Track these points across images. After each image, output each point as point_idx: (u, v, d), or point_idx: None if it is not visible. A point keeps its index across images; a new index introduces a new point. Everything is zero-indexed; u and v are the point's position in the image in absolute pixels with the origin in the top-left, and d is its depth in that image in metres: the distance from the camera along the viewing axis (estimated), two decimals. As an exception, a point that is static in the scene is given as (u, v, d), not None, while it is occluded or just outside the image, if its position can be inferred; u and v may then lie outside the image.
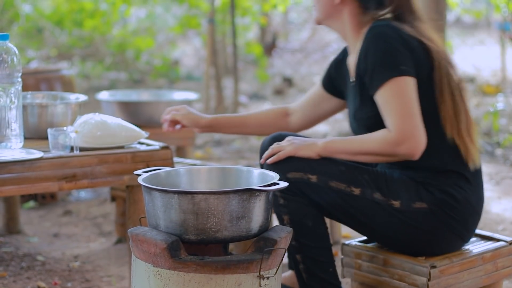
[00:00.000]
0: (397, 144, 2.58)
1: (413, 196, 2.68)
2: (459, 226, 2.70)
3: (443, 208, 2.67)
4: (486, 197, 4.92)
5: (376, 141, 2.62)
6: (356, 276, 2.83)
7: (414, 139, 2.57)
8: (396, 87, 2.60)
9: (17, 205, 4.29)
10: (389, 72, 2.61)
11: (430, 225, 2.67)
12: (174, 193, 2.28)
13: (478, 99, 8.64)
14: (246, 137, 7.03)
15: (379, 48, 2.63)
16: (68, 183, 2.86)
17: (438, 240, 2.70)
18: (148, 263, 2.32)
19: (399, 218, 2.67)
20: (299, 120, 3.15)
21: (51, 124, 3.13)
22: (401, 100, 2.59)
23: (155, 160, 2.99)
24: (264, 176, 2.49)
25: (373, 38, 2.66)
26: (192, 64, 11.89)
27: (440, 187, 2.68)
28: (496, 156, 6.09)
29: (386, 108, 2.61)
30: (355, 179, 2.69)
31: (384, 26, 2.68)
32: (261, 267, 2.29)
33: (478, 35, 14.44)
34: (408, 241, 2.71)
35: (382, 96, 2.62)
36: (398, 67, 2.60)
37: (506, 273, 2.88)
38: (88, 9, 9.92)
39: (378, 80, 2.62)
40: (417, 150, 2.58)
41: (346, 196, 2.68)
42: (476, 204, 2.74)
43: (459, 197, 2.68)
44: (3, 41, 2.88)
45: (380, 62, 2.62)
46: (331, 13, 2.80)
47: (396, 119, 2.59)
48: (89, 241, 4.21)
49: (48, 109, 3.15)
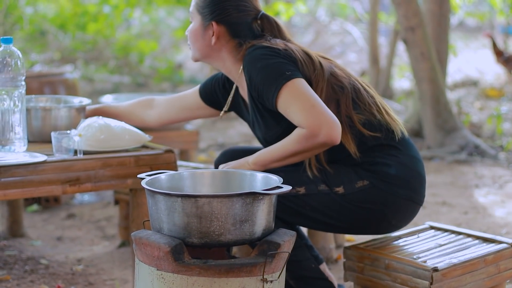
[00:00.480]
0: (313, 136, 2.63)
1: (353, 177, 2.77)
2: (403, 190, 2.78)
3: (382, 178, 2.76)
4: (490, 201, 4.93)
5: (295, 141, 2.67)
6: (359, 279, 2.83)
7: (326, 125, 2.63)
8: (289, 90, 2.67)
9: (20, 209, 4.30)
10: (277, 82, 2.68)
11: (378, 200, 2.76)
12: (178, 197, 2.29)
13: (482, 103, 8.64)
14: (249, 140, 7.04)
15: (258, 67, 2.71)
16: (71, 187, 2.86)
17: (392, 211, 2.78)
18: (151, 266, 2.32)
19: (347, 203, 2.76)
20: (159, 115, 3.25)
21: (54, 127, 3.13)
22: (299, 97, 2.65)
23: (159, 164, 2.99)
24: (267, 179, 2.49)
25: (250, 62, 2.74)
26: (196, 68, 11.89)
27: (372, 162, 2.77)
28: (500, 159, 6.09)
29: (289, 111, 2.67)
30: (296, 180, 2.76)
31: (254, 49, 2.76)
32: (264, 270, 2.30)
33: (481, 38, 14.43)
34: (364, 221, 2.80)
35: (282, 104, 2.69)
36: (283, 74, 2.68)
37: (508, 275, 2.88)
38: (92, 12, 9.93)
39: (272, 93, 2.69)
40: (334, 133, 2.63)
41: (294, 198, 2.75)
42: (412, 165, 2.82)
43: (391, 163, 2.77)
44: (6, 45, 2.89)
45: (266, 78, 2.70)
46: (209, 53, 2.87)
47: (302, 114, 2.64)
48: (92, 244, 4.22)
49: (51, 113, 3.16)
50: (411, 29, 6.32)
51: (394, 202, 2.77)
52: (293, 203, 2.75)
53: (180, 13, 12.05)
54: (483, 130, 7.00)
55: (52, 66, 9.82)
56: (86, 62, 10.46)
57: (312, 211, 2.76)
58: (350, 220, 2.79)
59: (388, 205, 2.77)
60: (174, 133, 5.10)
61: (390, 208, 2.78)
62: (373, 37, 9.15)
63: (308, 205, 2.76)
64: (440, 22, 6.77)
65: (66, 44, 10.09)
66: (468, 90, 9.69)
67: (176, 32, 11.16)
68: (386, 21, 11.32)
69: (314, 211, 2.76)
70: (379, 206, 2.77)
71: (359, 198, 2.76)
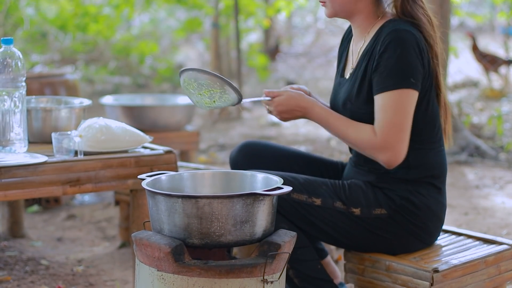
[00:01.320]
0: (377, 150, 2.64)
1: (373, 202, 2.74)
2: (419, 230, 2.76)
3: (401, 213, 2.73)
4: (491, 202, 4.93)
5: (360, 137, 2.67)
6: (359, 281, 2.83)
7: (394, 152, 2.63)
8: (399, 98, 2.63)
9: (21, 209, 4.30)
10: (398, 81, 2.63)
11: (391, 230, 2.74)
12: (178, 197, 2.28)
13: (482, 104, 8.63)
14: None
15: (396, 54, 2.64)
16: (72, 187, 2.86)
17: (399, 244, 2.77)
18: (152, 267, 2.32)
19: (360, 225, 2.74)
20: None
21: (55, 128, 3.13)
22: (398, 112, 2.62)
23: (159, 164, 2.99)
24: (268, 180, 2.49)
25: (393, 41, 2.66)
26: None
27: (400, 193, 2.74)
28: (500, 160, 6.09)
29: (381, 112, 2.64)
30: (315, 190, 2.74)
31: (405, 31, 2.67)
32: (265, 271, 2.30)
33: (482, 39, 14.42)
34: (370, 245, 2.78)
35: (382, 100, 2.64)
36: (408, 79, 2.63)
37: (509, 276, 2.88)
38: (92, 12, 9.93)
39: (386, 84, 2.64)
40: (393, 162, 2.65)
41: (308, 207, 2.73)
42: (437, 209, 2.79)
43: (418, 203, 2.74)
44: (7, 46, 2.89)
45: (393, 68, 2.64)
46: (350, 6, 2.78)
47: (386, 127, 2.63)
48: (93, 245, 4.22)
49: (52, 114, 3.16)
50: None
51: (405, 237, 2.76)
52: (306, 211, 2.73)
53: (180, 13, 12.05)
54: (483, 131, 7.00)
55: (53, 67, 9.83)
56: (87, 63, 10.46)
57: (323, 223, 2.74)
58: (357, 240, 2.77)
59: (398, 238, 2.76)
60: (175, 134, 5.11)
61: (399, 241, 2.77)
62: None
63: (321, 216, 2.74)
64: (441, 23, 6.76)
65: (66, 45, 10.10)
66: (468, 91, 9.69)
67: (177, 32, 11.17)
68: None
69: (325, 224, 2.74)
70: (389, 237, 2.75)
71: (373, 224, 2.73)
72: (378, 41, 2.70)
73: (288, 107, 2.76)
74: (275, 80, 10.83)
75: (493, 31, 14.51)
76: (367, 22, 2.80)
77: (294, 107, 2.76)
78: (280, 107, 2.76)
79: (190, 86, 2.65)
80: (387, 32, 2.69)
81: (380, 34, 2.72)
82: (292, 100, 2.76)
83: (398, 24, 2.71)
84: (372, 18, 2.79)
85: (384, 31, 2.71)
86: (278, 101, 2.76)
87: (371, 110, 2.70)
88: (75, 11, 9.86)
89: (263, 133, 7.45)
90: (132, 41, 10.62)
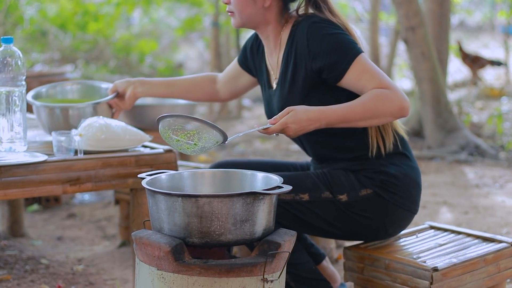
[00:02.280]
0: (392, 95, 2.61)
1: (356, 185, 2.76)
2: (404, 200, 2.79)
3: (385, 188, 2.76)
4: (490, 200, 4.93)
5: (373, 99, 2.61)
6: (359, 279, 2.84)
7: (402, 93, 2.63)
8: (364, 61, 2.66)
9: (21, 208, 4.30)
10: (348, 55, 2.65)
11: (380, 208, 2.76)
12: (178, 197, 2.29)
13: (482, 103, 8.64)
14: (250, 140, 7.04)
15: (324, 36, 2.67)
16: (72, 186, 2.86)
17: (391, 220, 2.79)
18: (152, 266, 2.33)
19: (350, 211, 2.75)
20: (224, 89, 3.21)
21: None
22: (372, 69, 2.65)
23: (159, 163, 2.99)
24: (268, 179, 2.49)
25: (311, 29, 2.70)
26: (196, 67, 11.90)
27: (376, 170, 2.78)
28: (500, 159, 6.09)
29: (361, 80, 2.64)
30: (300, 186, 2.74)
31: (315, 18, 2.72)
32: (265, 270, 2.30)
33: (482, 38, 14.44)
34: (363, 229, 2.80)
35: (352, 75, 2.65)
36: (353, 47, 2.66)
37: (508, 275, 2.88)
38: (92, 11, 9.93)
39: (342, 64, 2.65)
40: (408, 103, 2.63)
41: (297, 204, 2.73)
42: (413, 175, 2.83)
43: (396, 173, 2.78)
44: (7, 45, 2.89)
45: (335, 49, 2.66)
46: (258, 18, 2.81)
47: (379, 79, 2.63)
48: (93, 244, 4.22)
49: (77, 112, 3.15)
50: (411, 29, 6.32)
51: (394, 212, 2.79)
52: (295, 209, 2.73)
53: (180, 12, 12.05)
54: (483, 130, 7.00)
55: (53, 66, 9.83)
56: (87, 62, 10.46)
57: (314, 218, 2.75)
58: (349, 227, 2.79)
59: (389, 214, 2.79)
60: (175, 133, 5.10)
61: (389, 217, 2.80)
62: (373, 36, 9.16)
63: (311, 212, 2.74)
64: (441, 22, 6.77)
65: (66, 44, 10.10)
66: (468, 90, 9.69)
67: (177, 31, 11.17)
68: (386, 20, 11.34)
69: (315, 219, 2.75)
70: (379, 215, 2.77)
71: (361, 206, 2.76)
72: (297, 41, 2.74)
73: (299, 124, 2.58)
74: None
75: (493, 30, 14.52)
76: (276, 30, 2.83)
77: (305, 121, 2.58)
78: (293, 126, 2.57)
79: (167, 134, 2.58)
80: (305, 29, 2.72)
81: (295, 35, 2.76)
82: (303, 116, 2.58)
83: (304, 19, 2.75)
84: (280, 26, 2.83)
85: (299, 31, 2.74)
86: (288, 121, 2.57)
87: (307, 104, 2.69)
88: (74, 10, 9.87)
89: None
90: (132, 40, 10.62)
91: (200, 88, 3.22)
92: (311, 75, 2.72)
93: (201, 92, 3.22)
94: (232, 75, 3.17)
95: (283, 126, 2.57)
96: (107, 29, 10.14)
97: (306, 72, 2.73)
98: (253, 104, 9.12)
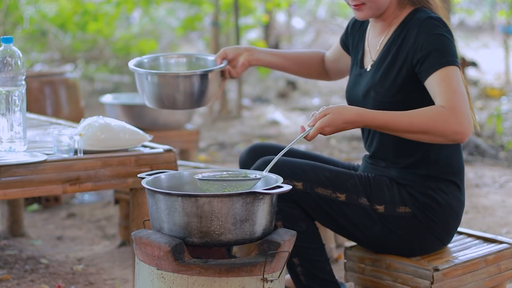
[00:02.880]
0: (451, 121, 2.51)
1: (397, 200, 2.70)
2: (440, 229, 2.73)
3: (425, 212, 2.70)
4: (490, 200, 4.93)
5: (429, 117, 2.53)
6: (359, 280, 2.83)
7: (467, 119, 2.53)
8: (455, 73, 2.58)
9: (21, 208, 4.30)
10: (444, 59, 2.59)
11: (413, 229, 2.71)
12: (178, 196, 2.28)
13: (482, 102, 8.64)
14: (250, 140, 7.03)
15: (435, 34, 2.63)
16: (72, 186, 2.86)
17: (419, 243, 2.74)
18: (151, 266, 2.32)
19: (382, 223, 2.71)
20: (331, 70, 3.16)
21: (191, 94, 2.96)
22: (460, 84, 2.57)
23: (159, 163, 2.99)
24: (267, 179, 2.49)
25: (426, 25, 2.65)
26: (196, 67, 11.89)
27: (423, 191, 2.71)
28: (500, 159, 6.09)
29: (443, 85, 2.56)
30: (340, 185, 2.70)
31: (438, 19, 2.67)
32: (264, 270, 2.30)
33: (482, 38, 14.43)
34: (389, 244, 2.75)
35: (435, 79, 2.58)
36: (453, 57, 2.61)
37: (509, 275, 2.88)
38: (91, 10, 9.93)
39: (433, 64, 2.59)
40: (468, 130, 2.53)
41: (332, 202, 2.70)
42: (458, 209, 2.77)
43: (441, 201, 2.71)
44: (7, 44, 2.89)
45: (437, 49, 2.60)
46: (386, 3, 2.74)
47: (454, 96, 2.54)
48: (92, 244, 4.22)
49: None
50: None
51: (426, 237, 2.73)
52: (329, 206, 2.69)
53: (180, 12, 12.06)
54: (483, 130, 7.00)
55: (53, 65, 9.83)
56: (87, 62, 10.46)
57: (345, 219, 2.71)
58: (377, 238, 2.74)
59: (420, 238, 2.73)
60: (174, 132, 5.11)
61: (420, 241, 2.73)
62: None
63: (344, 213, 2.70)
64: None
65: (66, 44, 10.10)
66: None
67: (177, 30, 11.17)
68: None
69: (346, 220, 2.71)
70: (410, 236, 2.72)
71: (396, 222, 2.70)
72: (408, 30, 2.69)
73: (335, 127, 2.55)
74: (274, 78, 10.83)
75: (493, 30, 14.52)
76: (393, 14, 2.77)
77: (341, 124, 2.55)
78: (328, 129, 2.54)
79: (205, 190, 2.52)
80: (420, 21, 2.67)
81: (408, 24, 2.71)
82: (339, 119, 2.54)
83: (426, 13, 2.70)
84: (397, 10, 2.77)
85: (414, 22, 2.69)
86: (323, 124, 2.53)
87: (395, 99, 2.67)
88: (74, 9, 9.87)
89: (263, 131, 7.45)
90: (132, 39, 10.62)
91: (312, 65, 3.16)
92: (409, 66, 2.67)
93: (312, 69, 3.16)
94: (335, 56, 3.11)
95: (319, 131, 2.53)
96: (106, 28, 10.13)
97: (405, 62, 2.67)
98: (253, 104, 9.11)
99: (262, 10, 11.08)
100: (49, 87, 5.00)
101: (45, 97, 5.01)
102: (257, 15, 10.80)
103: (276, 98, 9.62)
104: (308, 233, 2.71)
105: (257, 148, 2.95)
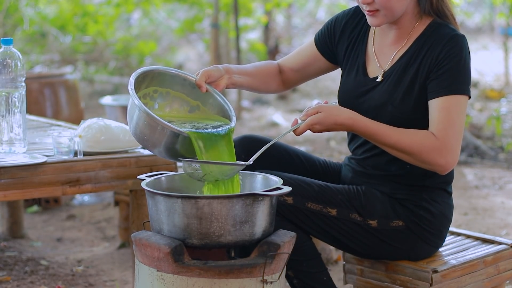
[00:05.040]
0: (437, 152, 2.52)
1: (390, 214, 2.68)
2: (433, 237, 2.73)
3: (419, 224, 2.69)
4: (490, 202, 4.93)
5: (417, 141, 2.53)
6: (358, 282, 2.83)
7: (453, 154, 2.53)
8: (462, 102, 2.56)
9: (20, 210, 4.30)
10: (463, 87, 2.57)
11: (407, 241, 2.70)
12: (178, 198, 2.29)
13: (481, 104, 8.64)
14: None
15: (462, 61, 2.59)
16: (71, 188, 2.86)
17: (413, 252, 2.72)
18: (151, 267, 2.33)
19: (376, 236, 2.68)
20: (292, 79, 3.00)
21: None
22: (460, 116, 2.55)
23: (159, 165, 2.99)
24: (267, 180, 2.49)
25: (457, 48, 2.59)
26: (196, 69, 11.89)
27: (417, 203, 2.69)
28: (500, 160, 6.10)
29: (443, 113, 2.55)
30: (330, 199, 2.66)
31: (463, 37, 2.63)
32: (264, 271, 2.30)
33: (481, 40, 14.44)
34: (385, 254, 2.73)
35: (446, 102, 2.56)
36: (468, 86, 2.59)
37: (508, 276, 2.88)
38: (91, 11, 9.94)
39: (445, 87, 2.56)
40: (450, 166, 2.55)
41: (323, 217, 2.66)
42: (449, 214, 2.77)
43: (434, 211, 2.70)
44: (7, 46, 2.89)
45: (456, 73, 2.57)
46: (402, 10, 2.66)
47: (449, 129, 2.53)
48: (92, 245, 4.22)
49: None
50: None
51: (421, 246, 2.71)
52: (321, 220, 2.66)
53: (180, 13, 12.06)
54: (483, 131, 7.00)
55: (52, 67, 9.84)
56: (86, 63, 10.47)
57: (338, 233, 2.68)
58: (372, 250, 2.72)
59: (414, 248, 2.71)
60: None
61: (415, 250, 2.72)
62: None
63: (336, 226, 2.67)
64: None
65: (66, 45, 10.10)
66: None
67: (177, 31, 11.17)
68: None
69: (339, 234, 2.68)
70: (405, 247, 2.71)
71: (390, 236, 2.68)
72: (432, 46, 2.63)
73: (325, 126, 2.55)
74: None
75: (493, 31, 14.53)
76: (410, 24, 2.70)
77: (331, 125, 2.55)
78: (317, 127, 2.55)
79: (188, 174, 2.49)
80: (448, 37, 2.61)
81: (429, 38, 2.65)
82: (330, 119, 2.55)
83: (451, 29, 2.64)
84: (415, 19, 2.70)
85: (438, 35, 2.63)
86: (314, 121, 2.54)
87: (416, 116, 2.63)
88: (73, 11, 9.87)
89: (263, 133, 7.47)
90: (131, 41, 10.63)
91: (271, 79, 2.99)
92: (419, 78, 2.63)
93: (273, 84, 3.01)
94: (304, 61, 2.96)
95: (308, 127, 2.53)
96: (106, 30, 10.14)
97: (425, 79, 2.62)
98: (253, 105, 9.12)
99: (262, 11, 11.08)
100: (49, 89, 5.00)
101: (45, 99, 5.02)
102: (256, 16, 10.82)
103: (276, 99, 9.63)
104: (302, 246, 2.67)
105: (247, 138, 2.84)
